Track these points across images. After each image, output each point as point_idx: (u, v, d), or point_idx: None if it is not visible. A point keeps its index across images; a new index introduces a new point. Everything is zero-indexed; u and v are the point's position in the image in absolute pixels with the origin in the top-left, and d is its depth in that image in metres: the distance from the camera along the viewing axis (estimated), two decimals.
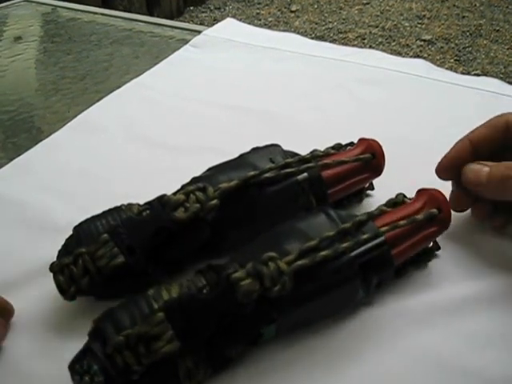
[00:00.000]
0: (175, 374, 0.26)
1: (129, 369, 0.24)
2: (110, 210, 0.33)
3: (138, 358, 0.25)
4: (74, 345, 0.26)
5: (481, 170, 0.33)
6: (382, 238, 0.30)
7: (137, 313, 0.26)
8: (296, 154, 0.36)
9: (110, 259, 0.30)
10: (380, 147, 0.36)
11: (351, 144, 0.38)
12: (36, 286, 0.33)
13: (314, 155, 0.35)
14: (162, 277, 0.31)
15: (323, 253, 0.28)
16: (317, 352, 0.29)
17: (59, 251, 0.32)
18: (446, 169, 0.36)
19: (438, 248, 0.34)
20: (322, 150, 0.36)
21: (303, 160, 0.35)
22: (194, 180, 0.34)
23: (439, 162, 0.36)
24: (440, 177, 0.36)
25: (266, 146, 0.36)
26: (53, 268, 0.30)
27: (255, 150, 0.36)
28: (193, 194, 0.31)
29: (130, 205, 0.33)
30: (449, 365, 0.28)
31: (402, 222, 0.31)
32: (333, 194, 0.35)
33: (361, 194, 0.38)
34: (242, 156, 0.36)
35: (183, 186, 0.33)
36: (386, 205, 0.33)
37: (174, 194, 0.33)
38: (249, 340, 0.28)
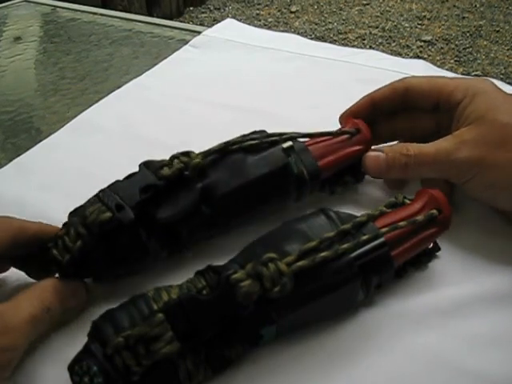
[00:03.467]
0: (175, 375, 0.26)
1: (128, 370, 0.24)
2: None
3: (137, 358, 0.25)
4: (74, 345, 0.26)
5: (378, 157, 0.36)
6: (382, 239, 0.30)
7: (136, 314, 0.26)
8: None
9: (97, 215, 0.30)
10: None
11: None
12: None
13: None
14: (161, 252, 0.32)
15: (323, 254, 0.28)
16: (317, 352, 0.29)
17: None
18: (346, 120, 0.40)
19: (438, 249, 0.34)
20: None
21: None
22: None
23: (342, 114, 0.40)
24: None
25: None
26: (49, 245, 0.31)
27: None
28: (176, 158, 0.33)
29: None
30: (449, 365, 0.28)
31: (402, 223, 0.30)
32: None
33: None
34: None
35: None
36: (386, 206, 0.33)
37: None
38: (249, 341, 0.28)
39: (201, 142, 0.36)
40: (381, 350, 0.29)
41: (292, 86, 0.55)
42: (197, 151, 0.35)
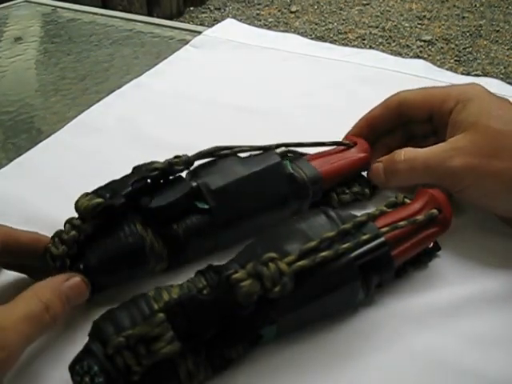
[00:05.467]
0: (175, 375, 0.26)
1: (129, 369, 0.24)
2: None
3: (138, 358, 0.25)
4: (75, 345, 0.26)
5: (378, 167, 0.37)
6: (382, 239, 0.30)
7: (137, 313, 0.26)
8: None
9: (89, 201, 0.31)
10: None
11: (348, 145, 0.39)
12: None
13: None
14: (161, 251, 0.32)
15: (323, 253, 0.28)
16: (317, 352, 0.29)
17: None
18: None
19: (439, 248, 0.34)
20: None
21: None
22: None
23: (344, 138, 0.40)
24: None
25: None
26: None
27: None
28: (169, 161, 0.34)
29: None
30: (449, 365, 0.28)
31: (402, 223, 0.31)
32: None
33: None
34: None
35: None
36: (386, 205, 0.33)
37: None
38: (249, 341, 0.28)
39: (201, 142, 0.36)
40: (381, 349, 0.29)
41: (292, 86, 0.55)
42: (197, 150, 0.35)
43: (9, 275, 0.33)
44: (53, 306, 0.28)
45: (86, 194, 0.32)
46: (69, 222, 0.31)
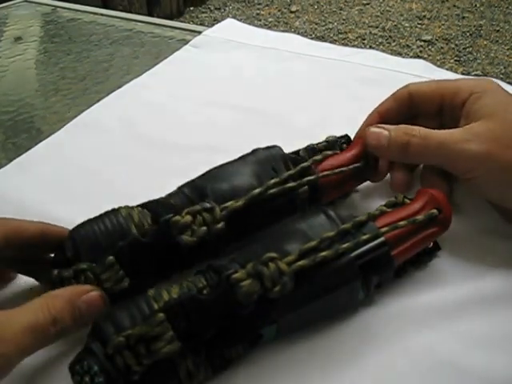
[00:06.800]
0: (175, 375, 0.26)
1: (129, 369, 0.24)
2: (106, 213, 0.32)
3: (138, 358, 0.25)
4: (74, 345, 0.26)
5: (381, 133, 0.35)
6: (382, 239, 0.30)
7: (137, 313, 0.26)
8: (298, 158, 0.36)
9: (115, 283, 0.29)
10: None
11: (345, 140, 0.38)
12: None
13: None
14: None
15: (323, 253, 0.28)
16: (317, 352, 0.29)
17: (54, 258, 0.31)
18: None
19: (438, 248, 0.34)
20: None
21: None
22: (196, 188, 0.33)
23: (355, 136, 0.39)
24: None
25: (267, 148, 0.36)
26: (54, 280, 0.29)
27: (256, 152, 0.36)
28: (199, 214, 0.31)
29: (128, 209, 0.32)
30: (449, 365, 0.28)
31: (402, 223, 0.31)
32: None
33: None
34: (243, 159, 0.35)
35: (188, 199, 0.33)
36: (386, 205, 0.33)
37: (180, 212, 0.31)
38: (249, 341, 0.28)
39: (201, 142, 0.36)
40: (381, 349, 0.29)
41: (292, 86, 0.55)
42: (196, 150, 0.35)
43: (23, 279, 0.33)
44: (61, 320, 0.26)
45: (109, 265, 0.29)
46: (84, 274, 0.29)
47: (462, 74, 1.43)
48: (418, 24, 2.32)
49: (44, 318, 0.25)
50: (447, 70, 0.59)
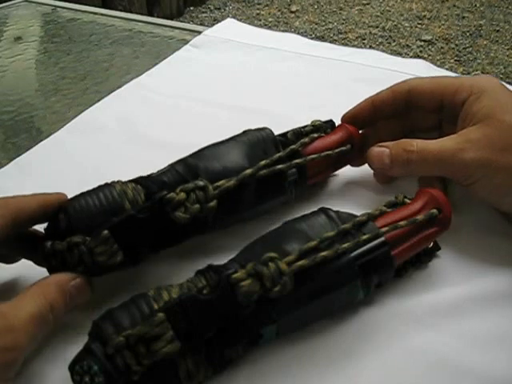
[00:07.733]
0: (175, 375, 0.26)
1: (129, 369, 0.24)
2: (100, 187, 0.33)
3: (138, 358, 0.25)
4: (74, 345, 0.26)
5: (382, 152, 0.36)
6: (383, 239, 0.30)
7: (137, 313, 0.26)
8: (286, 141, 0.37)
9: (109, 257, 0.30)
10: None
11: (329, 125, 0.39)
12: None
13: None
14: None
15: (323, 253, 0.28)
16: (317, 352, 0.29)
17: (47, 229, 0.31)
18: (347, 123, 0.39)
19: (438, 248, 0.34)
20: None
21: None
22: (188, 166, 0.34)
23: (343, 116, 0.40)
24: None
25: (258, 130, 0.37)
26: (47, 252, 0.30)
27: (247, 133, 0.37)
28: (193, 192, 0.32)
29: (122, 184, 0.33)
30: (448, 365, 0.28)
31: (402, 223, 0.31)
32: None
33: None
34: (235, 139, 0.36)
35: (179, 175, 0.34)
36: (386, 205, 0.33)
37: (173, 189, 0.32)
38: (249, 341, 0.28)
39: (201, 142, 0.36)
40: (380, 349, 0.29)
41: (292, 86, 0.55)
42: (196, 150, 0.35)
43: (10, 268, 0.33)
44: (57, 305, 0.27)
45: (104, 239, 0.30)
46: (78, 248, 0.29)
47: (462, 73, 1.43)
48: (418, 24, 2.32)
49: (44, 306, 0.26)
50: (447, 69, 0.59)
